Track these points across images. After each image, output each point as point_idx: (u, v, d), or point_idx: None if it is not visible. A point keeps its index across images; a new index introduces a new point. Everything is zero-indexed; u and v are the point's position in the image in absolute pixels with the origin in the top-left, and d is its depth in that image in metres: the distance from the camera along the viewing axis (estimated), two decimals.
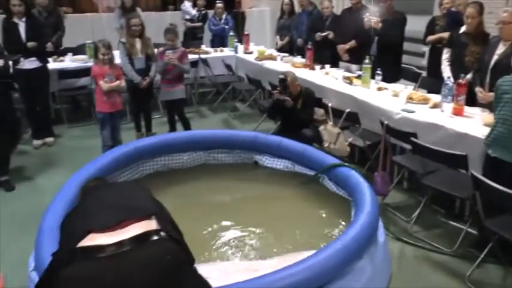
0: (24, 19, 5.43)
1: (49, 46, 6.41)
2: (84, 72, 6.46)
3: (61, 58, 6.80)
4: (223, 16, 8.61)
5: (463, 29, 4.77)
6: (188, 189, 4.17)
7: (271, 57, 7.21)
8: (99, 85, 4.84)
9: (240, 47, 7.99)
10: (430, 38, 5.73)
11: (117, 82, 4.92)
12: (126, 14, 6.79)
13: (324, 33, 6.65)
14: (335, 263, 2.33)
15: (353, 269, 2.43)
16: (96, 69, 4.86)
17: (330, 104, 4.99)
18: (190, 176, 4.30)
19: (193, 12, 9.01)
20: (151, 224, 1.57)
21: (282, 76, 4.78)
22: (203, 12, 8.99)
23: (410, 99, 4.56)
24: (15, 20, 5.42)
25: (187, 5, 9.08)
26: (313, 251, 2.40)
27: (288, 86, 4.79)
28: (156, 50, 5.62)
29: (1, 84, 4.85)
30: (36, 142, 5.87)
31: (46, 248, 2.42)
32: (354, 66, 6.14)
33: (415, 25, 6.33)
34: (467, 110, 4.18)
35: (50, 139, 5.98)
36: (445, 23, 5.61)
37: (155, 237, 1.53)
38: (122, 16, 7.16)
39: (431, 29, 5.83)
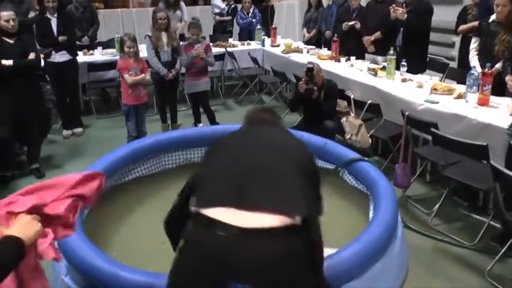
0: (56, 15, 5.61)
1: (85, 40, 6.64)
2: (113, 65, 6.57)
3: (91, 52, 6.98)
4: (251, 10, 8.63)
5: (492, 17, 4.63)
6: None
7: (298, 50, 7.20)
8: (124, 78, 4.95)
9: (267, 40, 8.00)
10: (462, 27, 5.62)
11: (142, 75, 5.01)
12: (169, 8, 6.90)
13: (351, 23, 6.59)
14: (353, 265, 2.33)
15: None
16: (121, 63, 4.98)
17: (352, 96, 4.96)
18: None
19: (222, 6, 9.06)
20: (287, 220, 1.47)
21: (310, 65, 4.75)
22: (232, 6, 9.03)
23: (434, 90, 4.49)
24: (48, 15, 5.62)
25: (217, 0, 9.14)
26: (333, 250, 2.38)
27: (314, 76, 4.77)
28: (181, 44, 5.69)
29: (33, 76, 5.04)
30: (66, 132, 6.06)
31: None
32: (379, 58, 6.06)
33: (444, 15, 6.22)
34: (494, 100, 4.08)
35: (78, 129, 6.16)
36: (477, 12, 5.48)
37: (285, 235, 1.46)
38: (166, 9, 7.22)
39: (463, 18, 5.70)
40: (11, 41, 4.73)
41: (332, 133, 4.78)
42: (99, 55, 6.98)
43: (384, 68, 5.37)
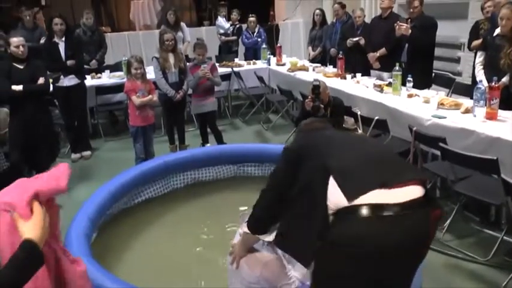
0: (63, 39, 5.68)
1: (93, 63, 6.72)
2: (121, 88, 6.63)
3: (98, 75, 7.05)
4: (256, 29, 8.70)
5: (497, 31, 4.64)
6: (217, 201, 4.23)
7: (303, 68, 7.23)
8: (132, 100, 4.99)
9: (273, 59, 8.05)
10: (475, 43, 5.59)
11: (149, 97, 5.05)
12: (170, 30, 6.99)
13: (355, 39, 6.64)
14: None
15: None
16: (129, 85, 5.02)
17: (359, 112, 4.96)
18: (220, 188, 4.37)
19: (227, 26, 9.15)
20: (422, 190, 1.62)
21: (316, 83, 4.76)
22: (237, 26, 9.11)
23: (441, 105, 4.48)
24: (56, 39, 5.70)
25: (221, 20, 9.24)
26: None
27: (320, 93, 4.78)
28: (187, 64, 5.74)
29: (42, 101, 5.10)
30: (74, 156, 6.08)
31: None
32: (385, 74, 6.08)
33: (449, 30, 6.23)
34: (502, 113, 4.06)
35: (87, 153, 6.18)
36: (490, 26, 5.48)
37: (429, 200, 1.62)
38: None
39: (475, 34, 5.68)
40: (21, 67, 4.80)
41: None
42: (106, 78, 7.05)
43: (389, 84, 5.38)
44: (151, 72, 5.60)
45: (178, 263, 3.38)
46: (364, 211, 1.53)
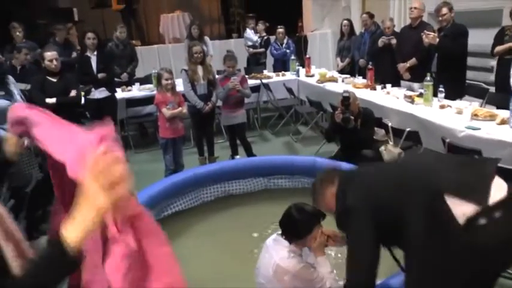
0: (95, 52, 5.81)
1: (124, 76, 6.83)
2: (150, 100, 6.74)
3: (129, 88, 7.15)
4: (285, 41, 8.69)
5: None
6: (247, 213, 4.22)
7: (333, 79, 7.18)
8: (162, 112, 5.03)
9: (302, 71, 8.03)
10: (498, 48, 5.46)
11: (179, 109, 5.09)
12: (195, 43, 7.09)
13: (387, 38, 6.55)
14: None
15: None
16: (159, 97, 5.07)
17: (390, 124, 4.89)
18: (250, 201, 4.36)
19: (255, 38, 9.18)
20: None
21: (346, 94, 4.72)
22: (265, 38, 9.14)
23: (475, 116, 4.37)
24: (88, 53, 5.83)
25: (249, 32, 9.28)
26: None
27: (350, 104, 4.75)
28: (217, 77, 5.77)
29: (74, 113, 5.20)
30: None
31: None
32: (416, 85, 5.97)
33: (482, 39, 6.09)
34: None
35: None
36: None
37: None
38: None
39: (499, 39, 5.57)
40: (54, 80, 4.92)
41: (371, 162, 4.71)
42: (136, 91, 7.16)
43: (420, 95, 5.29)
44: (180, 85, 5.65)
45: (205, 276, 3.37)
46: (497, 209, 1.68)
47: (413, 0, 6.39)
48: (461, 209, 1.70)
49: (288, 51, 8.59)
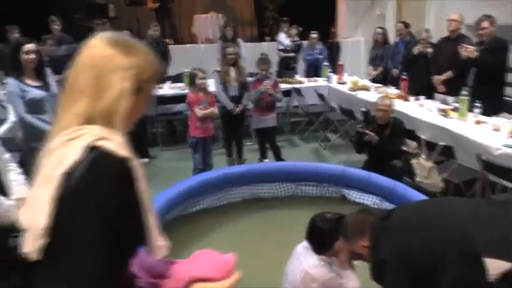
0: None
1: None
2: (181, 98, 6.80)
3: (160, 85, 7.21)
4: (317, 46, 8.66)
5: None
6: (273, 218, 4.21)
7: (365, 88, 7.12)
8: (194, 111, 5.04)
9: (334, 77, 7.97)
10: None
11: (211, 109, 5.09)
12: (228, 45, 7.13)
13: (422, 46, 6.45)
14: None
15: None
16: (192, 96, 5.08)
17: (423, 137, 4.81)
18: (277, 206, 4.34)
19: (287, 42, 9.16)
20: None
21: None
22: (297, 42, 9.11)
23: None
24: None
25: (282, 36, 9.27)
26: None
27: (375, 119, 4.71)
28: (249, 79, 5.76)
29: None
30: None
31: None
32: (450, 98, 5.87)
33: None
34: None
35: (145, 160, 6.31)
36: None
37: None
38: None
39: None
40: None
41: (400, 174, 4.64)
42: (167, 89, 7.20)
43: (455, 109, 5.20)
44: (212, 85, 5.66)
45: None
46: None
47: (451, 13, 6.28)
48: (497, 265, 1.65)
49: (320, 57, 8.56)
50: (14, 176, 2.61)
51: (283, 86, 7.18)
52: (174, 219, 3.82)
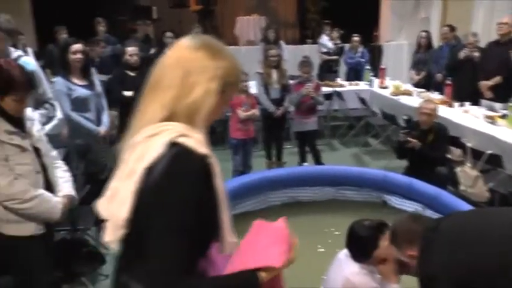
0: None
1: None
2: None
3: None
4: (359, 49, 8.56)
5: None
6: (313, 222, 4.16)
7: (407, 93, 6.98)
8: (237, 113, 5.05)
9: (375, 81, 7.86)
10: None
11: (253, 111, 5.11)
12: (270, 47, 7.16)
13: (469, 48, 6.28)
14: None
15: None
16: (234, 98, 5.08)
17: (469, 144, 4.67)
18: (317, 210, 4.30)
19: (330, 45, 9.09)
20: None
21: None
22: (340, 45, 9.03)
23: None
24: (166, 51, 5.94)
25: (324, 39, 9.20)
26: None
27: (418, 124, 4.60)
28: (291, 82, 5.74)
29: None
30: None
31: None
32: (497, 105, 5.68)
33: None
34: None
35: None
36: None
37: None
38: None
39: None
40: (133, 74, 5.07)
41: (444, 181, 4.51)
42: None
43: (503, 116, 5.04)
44: (253, 87, 5.67)
45: None
46: None
47: (501, 15, 6.10)
48: None
49: (362, 60, 8.45)
50: (61, 173, 2.68)
51: (325, 89, 7.12)
52: None
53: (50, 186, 2.53)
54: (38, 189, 2.42)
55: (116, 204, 1.23)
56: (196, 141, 1.23)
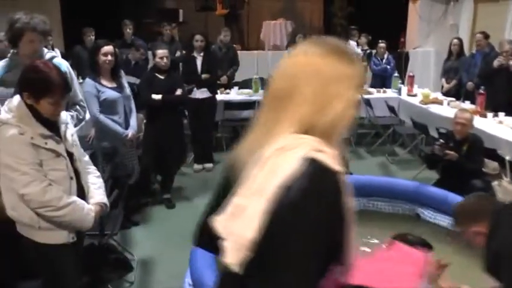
0: (202, 53, 5.91)
1: (223, 79, 6.90)
2: (248, 105, 6.80)
3: (227, 91, 7.22)
4: (385, 56, 8.39)
5: None
6: None
7: (437, 101, 6.80)
8: None
9: (403, 89, 7.70)
10: None
11: None
12: None
13: (505, 57, 6.09)
14: None
15: None
16: None
17: (507, 158, 4.51)
18: None
19: (358, 51, 8.96)
20: None
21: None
22: (367, 51, 8.89)
23: None
24: (195, 54, 5.95)
25: (352, 44, 9.07)
26: None
27: (452, 134, 4.46)
28: None
29: (177, 111, 5.34)
30: (197, 166, 6.27)
31: (200, 266, 2.67)
32: None
33: None
34: None
35: (209, 165, 6.32)
36: None
37: None
38: None
39: None
40: (162, 77, 5.03)
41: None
42: (235, 94, 7.19)
43: None
44: None
45: None
46: None
47: None
48: None
49: (388, 67, 8.27)
50: (93, 179, 2.62)
51: None
52: None
53: (81, 193, 2.48)
54: (71, 196, 2.36)
55: (241, 223, 1.11)
56: (330, 156, 1.12)
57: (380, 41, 8.52)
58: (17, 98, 2.30)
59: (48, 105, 2.26)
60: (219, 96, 6.81)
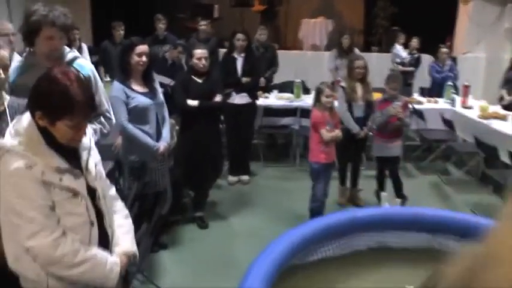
0: (243, 54, 5.35)
1: (261, 81, 6.28)
2: (288, 111, 6.19)
3: (266, 94, 6.63)
4: (447, 62, 7.62)
5: None
6: (402, 274, 3.45)
7: (498, 116, 6.05)
8: (321, 134, 4.30)
9: (457, 99, 6.94)
10: None
11: (336, 131, 4.33)
12: (343, 55, 6.44)
13: None
14: None
15: None
16: (319, 115, 4.29)
17: None
18: (408, 259, 3.58)
19: (404, 55, 8.28)
20: None
21: None
22: (416, 56, 8.19)
23: None
24: (235, 54, 5.41)
25: (398, 48, 8.41)
26: None
27: None
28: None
29: (214, 118, 4.76)
30: (232, 178, 5.69)
31: None
32: None
33: None
34: None
35: (245, 177, 5.74)
36: None
37: None
38: (338, 57, 6.96)
39: None
40: (200, 81, 4.47)
41: None
42: (274, 99, 6.61)
43: None
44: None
45: None
46: None
47: None
48: None
49: (450, 75, 7.50)
50: (120, 220, 2.03)
51: None
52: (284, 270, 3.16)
53: (105, 240, 1.89)
54: (90, 248, 1.78)
55: None
56: None
57: (441, 45, 7.83)
58: (27, 118, 1.73)
59: (67, 129, 1.69)
60: (259, 101, 6.19)
